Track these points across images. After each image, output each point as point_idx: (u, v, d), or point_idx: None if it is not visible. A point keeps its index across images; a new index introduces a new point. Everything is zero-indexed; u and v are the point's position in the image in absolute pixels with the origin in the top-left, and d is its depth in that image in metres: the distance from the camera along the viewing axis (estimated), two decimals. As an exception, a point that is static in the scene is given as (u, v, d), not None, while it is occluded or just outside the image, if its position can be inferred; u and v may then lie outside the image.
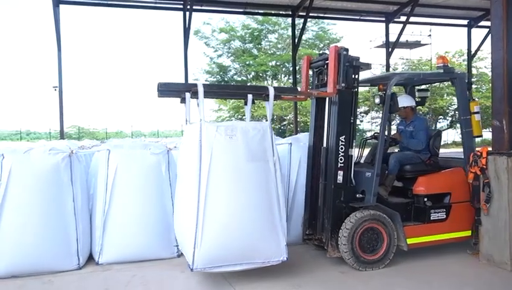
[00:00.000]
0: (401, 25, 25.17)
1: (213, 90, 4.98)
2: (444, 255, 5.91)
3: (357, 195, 5.61)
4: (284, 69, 34.23)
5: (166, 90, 4.84)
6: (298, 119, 26.83)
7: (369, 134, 33.89)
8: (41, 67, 44.77)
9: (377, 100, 5.73)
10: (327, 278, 5.23)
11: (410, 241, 5.61)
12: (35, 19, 62.55)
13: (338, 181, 5.53)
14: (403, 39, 27.80)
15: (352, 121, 5.59)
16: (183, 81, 21.29)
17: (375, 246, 5.51)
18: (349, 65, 5.50)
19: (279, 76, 35.47)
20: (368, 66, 5.69)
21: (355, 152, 5.96)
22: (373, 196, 5.49)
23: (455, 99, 36.00)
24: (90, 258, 5.88)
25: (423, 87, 6.84)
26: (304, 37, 28.82)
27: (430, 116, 36.07)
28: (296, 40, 24.66)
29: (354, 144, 5.65)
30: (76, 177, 5.69)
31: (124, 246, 5.76)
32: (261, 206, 4.87)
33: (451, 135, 37.28)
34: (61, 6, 19.50)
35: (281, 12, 25.72)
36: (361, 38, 50.60)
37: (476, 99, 6.27)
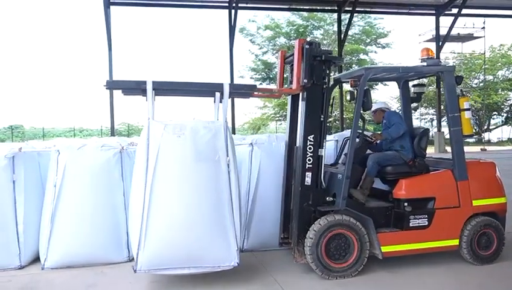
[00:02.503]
0: (453, 18, 24.01)
1: (164, 88, 4.80)
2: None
3: (327, 198, 5.25)
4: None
5: (115, 87, 4.73)
6: (344, 116, 26.24)
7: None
8: (93, 66, 46.90)
9: (348, 97, 5.33)
10: (374, 278, 5.10)
11: (385, 249, 5.17)
12: (87, 20, 65.45)
13: (306, 183, 5.20)
14: (454, 32, 26.49)
15: (322, 119, 5.25)
16: (228, 78, 21.49)
17: (345, 253, 5.13)
18: (320, 60, 5.15)
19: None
20: (339, 61, 5.32)
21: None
22: (342, 200, 5.10)
23: (511, 94, 34.05)
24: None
25: (418, 82, 6.30)
26: (350, 32, 28.11)
27: (483, 113, 34.05)
28: (342, 36, 24.13)
29: (325, 143, 5.29)
30: (126, 173, 5.82)
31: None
32: (209, 208, 4.66)
33: (506, 132, 35.08)
34: (112, 7, 20.26)
35: (326, 8, 25.34)
36: (410, 33, 48.53)
37: (467, 94, 5.69)
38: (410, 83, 6.35)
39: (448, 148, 24.82)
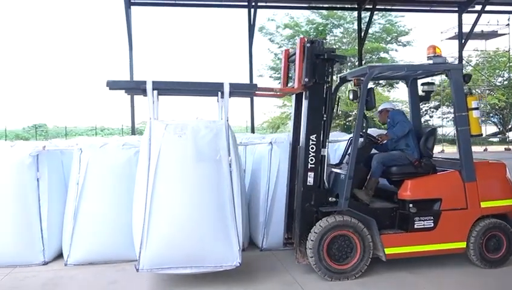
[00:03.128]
0: (476, 15, 23.46)
1: (164, 88, 4.81)
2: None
3: (330, 199, 5.19)
4: (349, 64, 33.23)
5: (116, 87, 4.77)
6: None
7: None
8: (114, 66, 47.72)
9: (351, 96, 5.26)
10: (396, 278, 5.08)
11: (389, 251, 5.09)
12: (109, 20, 66.58)
13: (308, 183, 5.15)
14: (477, 29, 25.82)
15: (325, 118, 5.19)
16: (248, 77, 21.51)
17: (348, 254, 5.06)
18: (323, 58, 5.09)
19: (345, 70, 34.51)
20: (343, 59, 5.25)
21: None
22: (345, 200, 5.03)
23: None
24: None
25: (427, 80, 6.16)
26: (370, 31, 27.73)
27: (508, 111, 33.17)
28: (362, 34, 23.84)
29: (328, 143, 5.24)
30: None
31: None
32: (211, 208, 4.67)
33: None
34: (133, 7, 20.47)
35: (346, 6, 25.03)
36: (431, 30, 47.23)
37: (475, 93, 5.54)
38: (419, 82, 6.22)
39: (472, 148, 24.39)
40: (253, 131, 21.33)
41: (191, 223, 4.60)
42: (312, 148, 5.14)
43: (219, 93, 4.88)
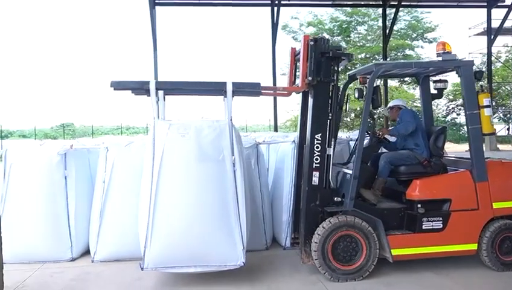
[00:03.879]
0: (506, 9, 22.77)
1: (167, 88, 4.84)
2: None
3: (336, 198, 5.12)
4: (373, 61, 32.79)
5: (120, 87, 4.82)
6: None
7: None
8: (139, 66, 48.39)
9: (356, 94, 5.17)
10: (419, 279, 5.03)
11: (396, 252, 5.00)
12: (133, 20, 67.71)
13: (313, 183, 5.10)
14: (507, 25, 24.97)
15: (330, 117, 5.12)
16: (271, 76, 21.48)
17: (353, 255, 4.99)
18: (328, 56, 5.03)
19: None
20: (349, 57, 5.16)
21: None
22: (350, 200, 4.96)
23: None
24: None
25: (440, 78, 6.01)
26: (395, 28, 27.25)
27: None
28: (387, 31, 23.46)
29: (333, 142, 5.16)
30: None
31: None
32: (214, 208, 4.69)
33: None
34: (157, 8, 20.67)
35: (371, 2, 24.65)
36: (459, 26, 46.05)
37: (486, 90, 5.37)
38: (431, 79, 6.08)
39: (500, 146, 23.62)
40: (276, 129, 21.25)
41: (194, 222, 4.62)
42: (317, 147, 5.08)
43: (224, 92, 4.89)
